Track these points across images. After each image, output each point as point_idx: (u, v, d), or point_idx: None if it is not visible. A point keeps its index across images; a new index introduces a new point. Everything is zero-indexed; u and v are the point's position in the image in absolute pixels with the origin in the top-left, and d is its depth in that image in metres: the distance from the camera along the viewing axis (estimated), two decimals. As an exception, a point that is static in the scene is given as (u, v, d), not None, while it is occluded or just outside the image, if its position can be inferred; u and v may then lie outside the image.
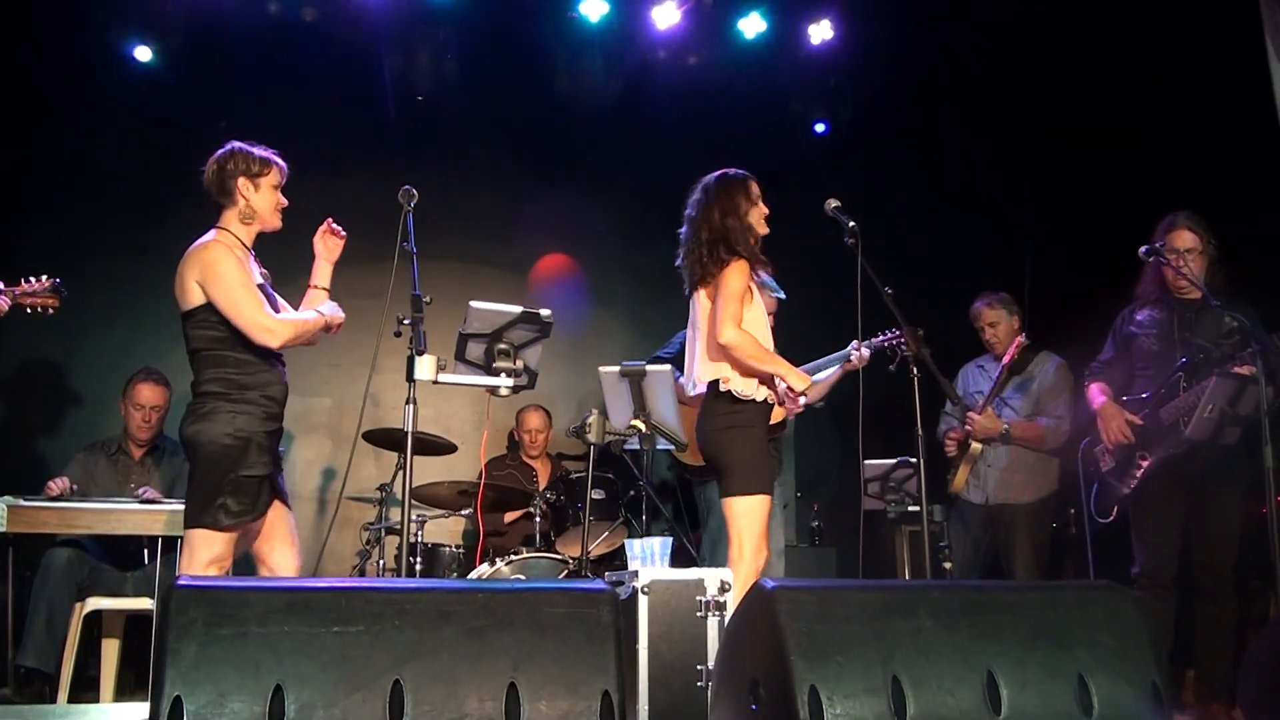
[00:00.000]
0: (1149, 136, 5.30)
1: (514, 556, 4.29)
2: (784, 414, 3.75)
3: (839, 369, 4.54)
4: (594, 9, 5.73)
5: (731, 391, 3.49)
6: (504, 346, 3.52)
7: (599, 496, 4.78)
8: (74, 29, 5.34)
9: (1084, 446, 4.26)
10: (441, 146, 5.86)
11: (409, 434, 3.24)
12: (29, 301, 3.91)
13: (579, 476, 4.80)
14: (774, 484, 3.63)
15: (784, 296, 4.50)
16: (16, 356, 5.26)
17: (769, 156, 4.96)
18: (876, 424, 3.75)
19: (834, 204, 3.71)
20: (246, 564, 3.64)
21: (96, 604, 4.20)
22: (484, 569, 4.29)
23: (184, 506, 3.23)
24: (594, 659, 1.82)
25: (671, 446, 3.98)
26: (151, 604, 4.15)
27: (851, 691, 1.83)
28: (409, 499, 3.33)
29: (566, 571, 4.24)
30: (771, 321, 3.78)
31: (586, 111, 5.97)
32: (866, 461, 4.60)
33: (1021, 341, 4.69)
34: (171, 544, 3.93)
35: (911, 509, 4.86)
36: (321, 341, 3.45)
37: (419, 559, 4.52)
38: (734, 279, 3.48)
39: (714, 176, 3.65)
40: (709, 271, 3.54)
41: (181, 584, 1.76)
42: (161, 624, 1.71)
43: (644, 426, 3.83)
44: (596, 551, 4.69)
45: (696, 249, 3.58)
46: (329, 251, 3.55)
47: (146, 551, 4.32)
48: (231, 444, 3.13)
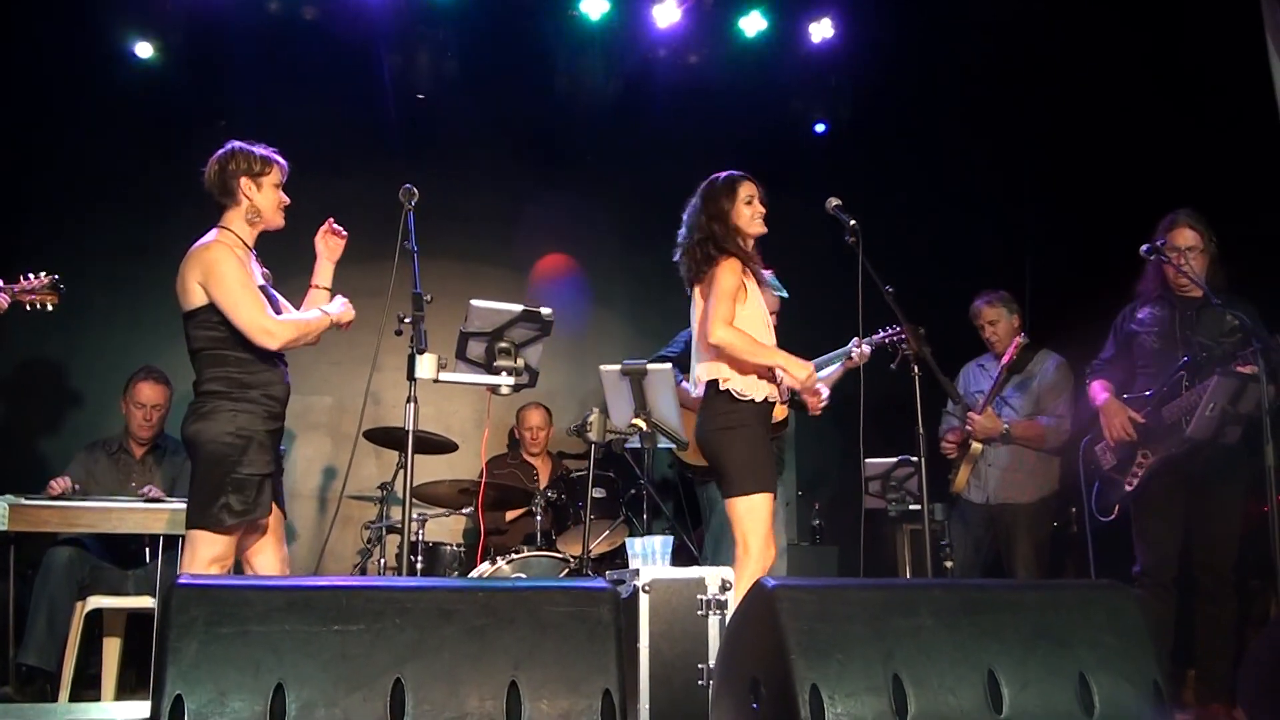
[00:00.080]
0: (1149, 136, 5.30)
1: (515, 555, 4.28)
2: (784, 413, 3.74)
3: (840, 366, 4.53)
4: (594, 7, 5.72)
5: (730, 391, 3.49)
6: (505, 345, 3.52)
7: (600, 495, 4.78)
8: (74, 28, 5.34)
9: (1085, 445, 4.26)
10: (441, 146, 5.85)
11: (410, 432, 3.24)
12: (28, 298, 3.91)
13: (580, 475, 4.79)
14: (776, 482, 3.62)
15: (786, 295, 4.50)
16: (17, 356, 5.26)
17: (769, 156, 4.97)
18: (877, 423, 3.75)
19: (835, 203, 3.71)
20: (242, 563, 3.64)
21: (98, 603, 4.20)
22: (485, 568, 4.29)
23: (185, 506, 3.23)
24: (595, 658, 1.82)
25: (673, 445, 3.97)
26: (152, 602, 4.15)
27: (853, 690, 1.83)
28: (410, 497, 3.33)
29: (567, 570, 4.24)
30: (774, 320, 3.78)
31: (586, 111, 5.97)
32: (867, 460, 4.60)
33: (1021, 341, 4.68)
34: (172, 542, 3.93)
35: (912, 508, 4.84)
36: (322, 340, 3.44)
37: (420, 558, 4.51)
38: (726, 277, 3.49)
39: (705, 180, 3.69)
40: (701, 270, 3.57)
41: (182, 582, 1.76)
42: (162, 622, 1.71)
43: (645, 425, 3.83)
44: (597, 550, 4.70)
45: (690, 249, 3.62)
46: (330, 251, 3.56)
47: (148, 550, 4.32)
48: (233, 443, 3.13)
